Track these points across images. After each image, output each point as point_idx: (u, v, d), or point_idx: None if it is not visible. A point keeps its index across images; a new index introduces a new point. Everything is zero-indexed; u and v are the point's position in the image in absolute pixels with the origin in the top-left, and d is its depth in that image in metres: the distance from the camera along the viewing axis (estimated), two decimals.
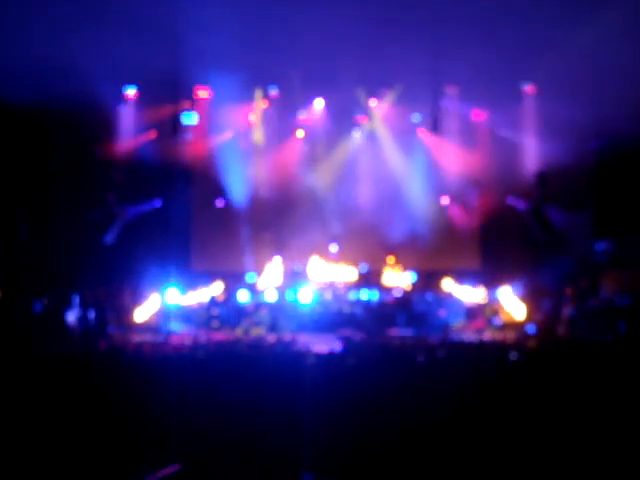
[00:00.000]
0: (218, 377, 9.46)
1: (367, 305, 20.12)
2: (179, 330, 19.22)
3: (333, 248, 22.00)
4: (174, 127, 18.36)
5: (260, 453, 6.40)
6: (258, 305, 20.30)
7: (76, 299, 18.40)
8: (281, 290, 20.82)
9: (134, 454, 6.28)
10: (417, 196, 21.16)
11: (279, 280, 21.73)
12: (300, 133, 21.36)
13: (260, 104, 20.65)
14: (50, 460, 6.06)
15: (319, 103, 20.90)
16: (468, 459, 6.20)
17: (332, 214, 21.06)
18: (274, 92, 20.43)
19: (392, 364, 11.34)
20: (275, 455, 6.36)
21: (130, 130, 19.42)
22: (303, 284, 20.68)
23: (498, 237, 21.76)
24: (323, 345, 15.10)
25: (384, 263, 21.81)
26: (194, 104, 19.87)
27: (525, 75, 19.03)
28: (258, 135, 20.91)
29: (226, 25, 15.69)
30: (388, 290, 20.90)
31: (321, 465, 6.21)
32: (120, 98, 19.05)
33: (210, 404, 7.55)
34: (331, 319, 19.79)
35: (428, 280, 22.25)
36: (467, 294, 21.63)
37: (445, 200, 21.67)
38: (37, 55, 14.74)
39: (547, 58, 16.70)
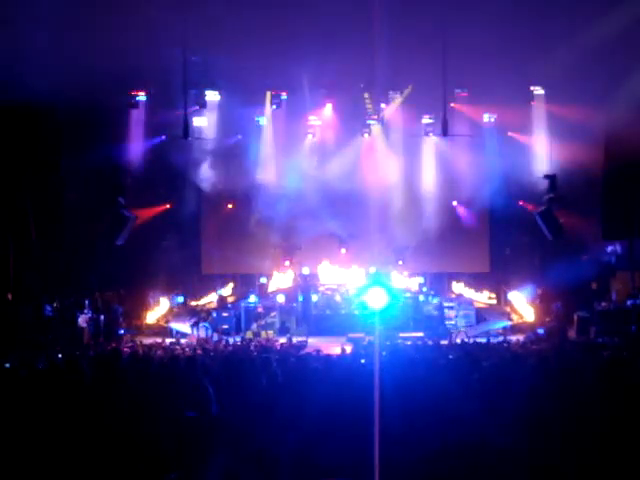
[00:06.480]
0: (228, 380, 9.46)
1: None
2: (189, 332, 19.28)
3: (342, 251, 22.02)
4: (184, 130, 18.35)
5: (274, 459, 6.35)
6: (268, 308, 20.35)
7: (86, 302, 18.48)
8: (291, 293, 20.88)
9: (136, 461, 6.22)
10: (426, 198, 21.13)
11: (289, 283, 21.78)
12: (310, 136, 21.36)
13: (270, 107, 20.67)
14: (50, 464, 6.00)
15: (328, 107, 20.91)
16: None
17: (342, 216, 20.99)
18: (284, 95, 20.46)
19: (403, 366, 11.32)
20: (291, 461, 6.31)
21: (141, 133, 19.48)
22: (313, 287, 20.70)
23: (508, 240, 21.73)
24: (333, 347, 15.10)
25: (393, 266, 21.82)
26: (204, 107, 19.90)
27: (535, 78, 19.00)
28: (268, 138, 20.93)
29: (236, 29, 15.76)
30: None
31: (339, 471, 6.16)
32: (131, 101, 19.10)
33: (222, 407, 7.54)
34: (341, 321, 19.82)
35: (437, 283, 22.24)
36: (477, 297, 21.62)
37: (454, 203, 21.64)
38: (49, 57, 14.79)
39: (557, 60, 16.66)
